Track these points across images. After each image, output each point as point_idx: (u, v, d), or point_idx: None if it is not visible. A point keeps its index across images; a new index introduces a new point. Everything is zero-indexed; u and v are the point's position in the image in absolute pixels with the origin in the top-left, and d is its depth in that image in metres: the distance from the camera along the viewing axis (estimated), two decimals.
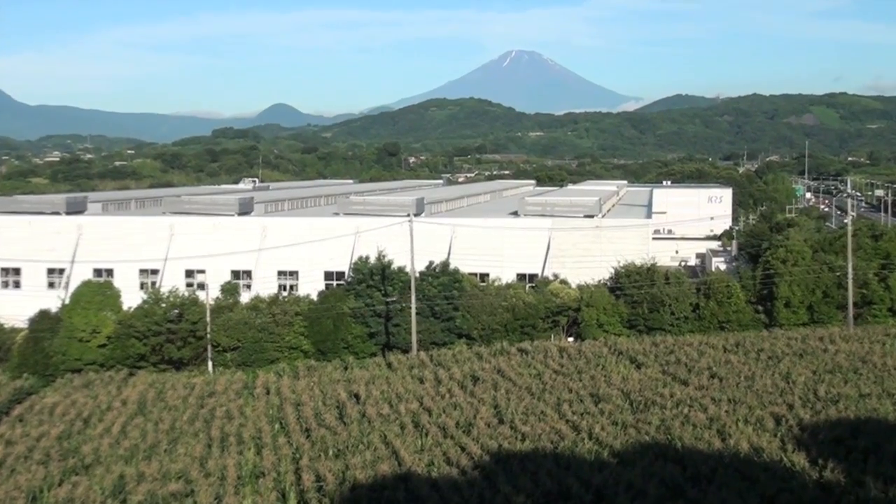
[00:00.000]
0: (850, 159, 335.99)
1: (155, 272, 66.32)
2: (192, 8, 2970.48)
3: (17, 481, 31.85)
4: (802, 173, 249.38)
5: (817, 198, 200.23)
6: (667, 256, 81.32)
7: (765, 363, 44.82)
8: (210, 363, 55.23)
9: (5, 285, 68.52)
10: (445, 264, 59.65)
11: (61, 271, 67.14)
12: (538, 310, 57.09)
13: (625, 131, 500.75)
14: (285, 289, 64.93)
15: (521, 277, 64.02)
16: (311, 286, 63.15)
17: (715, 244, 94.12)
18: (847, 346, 47.89)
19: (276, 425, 39.02)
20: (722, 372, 42.96)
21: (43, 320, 56.12)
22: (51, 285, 67.17)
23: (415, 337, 54.19)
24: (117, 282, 61.93)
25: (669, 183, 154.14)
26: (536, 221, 67.75)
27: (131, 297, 58.52)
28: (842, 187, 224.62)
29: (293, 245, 64.13)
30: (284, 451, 34.55)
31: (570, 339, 56.37)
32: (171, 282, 62.21)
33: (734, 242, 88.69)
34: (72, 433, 38.85)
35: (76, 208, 75.41)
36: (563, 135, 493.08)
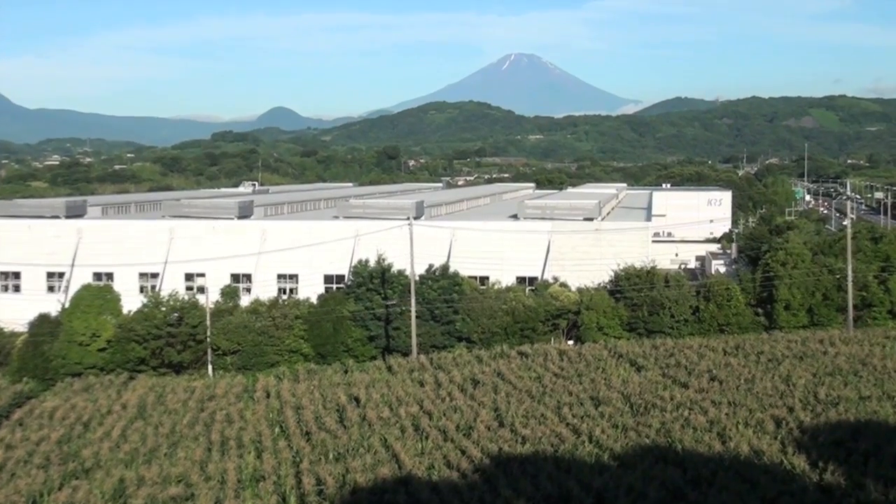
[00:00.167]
0: (849, 162, 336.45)
1: (155, 276, 66.35)
2: (191, 11, 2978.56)
3: (17, 485, 31.88)
4: (802, 176, 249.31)
5: (817, 200, 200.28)
6: (666, 259, 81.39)
7: (765, 366, 44.81)
8: (210, 367, 55.23)
9: (5, 289, 68.56)
10: (445, 267, 59.67)
11: (61, 275, 67.19)
12: (538, 313, 57.10)
13: (624, 134, 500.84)
14: (285, 292, 64.95)
15: (520, 280, 64.07)
16: (310, 289, 63.19)
17: (714, 247, 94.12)
18: (847, 348, 47.87)
19: (277, 429, 39.01)
20: (722, 375, 42.96)
21: (43, 324, 56.15)
22: (50, 289, 67.23)
23: (415, 340, 54.20)
24: (117, 285, 61.95)
25: (669, 186, 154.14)
26: (536, 224, 67.79)
27: (131, 301, 58.58)
28: (841, 190, 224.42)
29: (293, 248, 64.18)
30: (284, 454, 34.56)
31: (570, 342, 56.39)
32: (171, 285, 62.29)
33: (734, 245, 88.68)
34: (72, 437, 38.87)
35: (76, 212, 75.48)
36: (563, 138, 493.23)
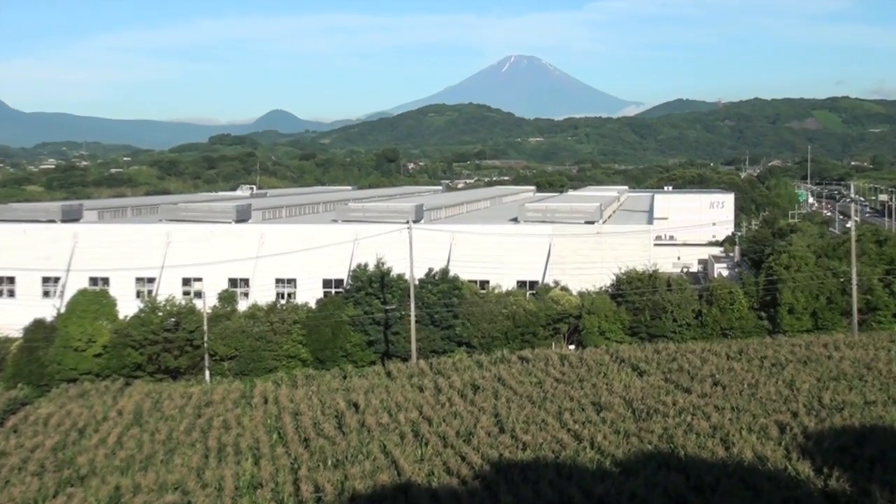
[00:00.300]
0: (853, 164, 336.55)
1: (151, 280, 66.29)
2: (188, 13, 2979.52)
3: (12, 493, 31.80)
4: (805, 178, 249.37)
5: (820, 203, 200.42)
6: (668, 263, 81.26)
7: (768, 370, 44.74)
8: (207, 372, 55.16)
9: (0, 294, 68.51)
10: (445, 271, 59.63)
11: (56, 280, 67.12)
12: (539, 317, 57.05)
13: (625, 136, 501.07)
14: (283, 297, 64.90)
15: (521, 284, 63.99)
16: (309, 294, 63.13)
17: (717, 250, 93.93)
18: (852, 352, 47.80)
19: (274, 435, 38.96)
20: (725, 379, 42.88)
21: (38, 329, 56.12)
22: (46, 294, 67.14)
23: (414, 345, 54.13)
24: (113, 290, 61.91)
25: (671, 188, 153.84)
26: (537, 228, 67.75)
27: (127, 306, 58.52)
28: (845, 192, 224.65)
29: (291, 252, 64.13)
30: (282, 461, 34.49)
31: (572, 347, 56.36)
32: (168, 290, 62.19)
33: (736, 248, 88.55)
34: (67, 444, 38.80)
35: (72, 216, 75.43)
36: (564, 140, 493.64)
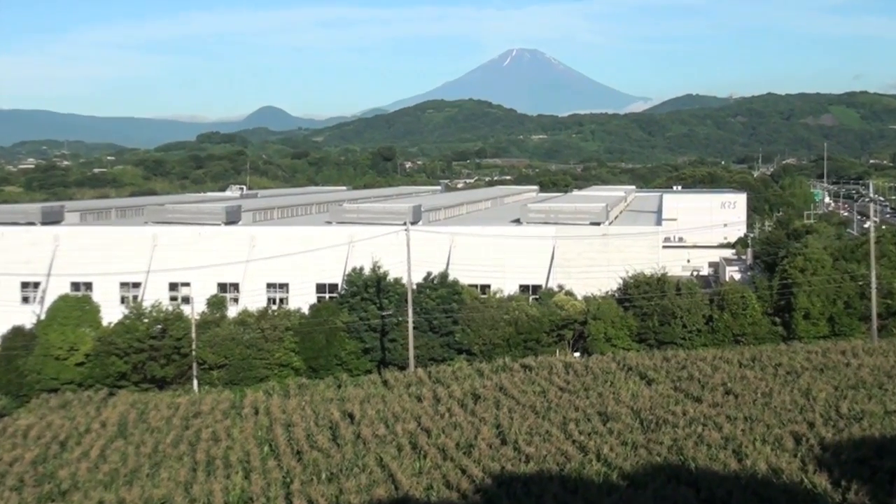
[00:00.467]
0: (871, 162, 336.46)
1: (137, 285, 66.30)
2: (175, 6, 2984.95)
3: None
4: (821, 177, 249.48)
5: (837, 203, 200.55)
6: (678, 266, 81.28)
7: (783, 379, 44.79)
8: (195, 382, 55.18)
9: None
10: (444, 275, 59.67)
11: (36, 285, 67.08)
12: (542, 323, 57.09)
13: (632, 133, 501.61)
14: (275, 302, 64.92)
15: (524, 289, 64.02)
16: (302, 299, 63.15)
17: (729, 252, 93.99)
18: (871, 359, 47.85)
19: (266, 448, 38.97)
20: (737, 388, 42.92)
21: (17, 337, 56.11)
22: (25, 300, 67.11)
23: (412, 353, 54.15)
24: (96, 296, 61.92)
25: (680, 188, 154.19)
26: (540, 229, 67.83)
27: (111, 312, 58.51)
28: (863, 191, 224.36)
29: (283, 256, 64.11)
30: (274, 475, 34.50)
31: (577, 354, 56.39)
32: (154, 296, 62.17)
33: (749, 250, 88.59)
34: (47, 457, 38.78)
35: (52, 218, 75.43)
36: (568, 137, 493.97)
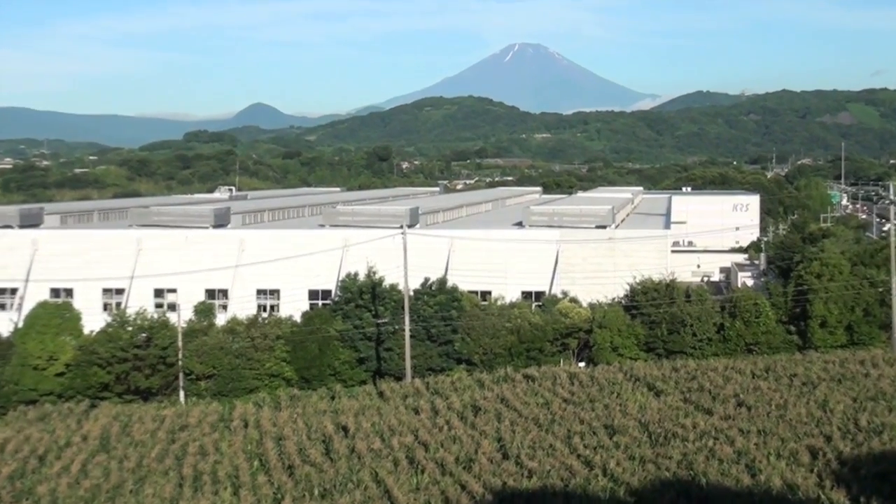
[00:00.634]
0: (891, 162, 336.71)
1: (120, 292, 66.29)
2: None
3: None
4: (838, 178, 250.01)
5: (855, 205, 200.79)
6: (688, 271, 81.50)
7: (798, 390, 44.77)
8: (182, 393, 55.17)
9: None
10: (443, 281, 59.69)
11: (13, 291, 67.08)
12: (546, 331, 57.11)
13: (640, 132, 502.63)
14: (265, 309, 64.92)
15: (526, 295, 64.06)
16: (293, 306, 63.15)
17: (741, 257, 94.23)
18: (891, 370, 47.85)
19: (256, 462, 38.93)
20: (750, 400, 42.90)
21: None
22: (2, 307, 67.13)
23: (409, 362, 54.14)
24: (77, 303, 61.88)
25: (690, 189, 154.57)
26: (543, 233, 67.89)
27: (93, 320, 58.52)
28: (883, 193, 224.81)
29: (274, 261, 64.15)
30: (264, 490, 34.47)
31: (582, 364, 56.40)
32: (139, 302, 62.14)
33: (762, 255, 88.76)
34: (25, 472, 38.69)
35: (31, 221, 75.44)
36: (572, 136, 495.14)
